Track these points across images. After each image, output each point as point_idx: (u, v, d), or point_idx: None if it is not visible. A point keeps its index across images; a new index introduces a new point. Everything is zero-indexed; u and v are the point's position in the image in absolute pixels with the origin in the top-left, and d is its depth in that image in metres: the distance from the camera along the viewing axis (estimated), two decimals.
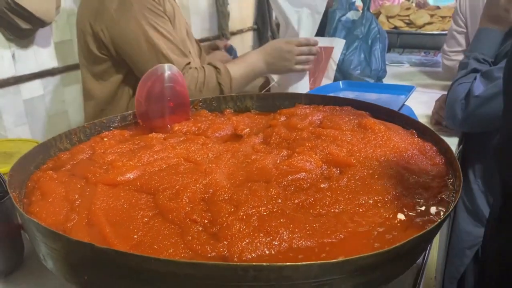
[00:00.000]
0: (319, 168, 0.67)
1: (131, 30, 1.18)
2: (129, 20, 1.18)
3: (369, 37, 1.70)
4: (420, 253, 0.55)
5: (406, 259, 0.50)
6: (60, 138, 0.82)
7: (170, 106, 0.93)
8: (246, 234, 0.51)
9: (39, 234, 0.51)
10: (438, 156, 0.70)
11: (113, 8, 1.17)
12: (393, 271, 0.50)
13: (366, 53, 1.70)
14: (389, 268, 0.48)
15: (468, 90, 1.11)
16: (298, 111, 0.92)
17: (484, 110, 1.08)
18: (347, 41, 1.62)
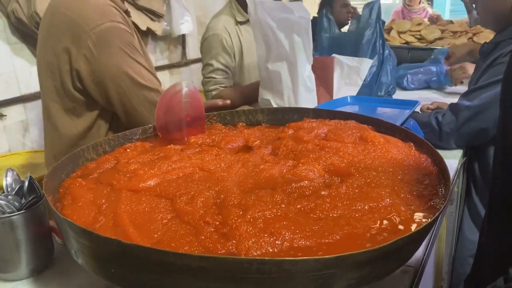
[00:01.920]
0: (322, 177, 0.74)
1: (114, 66, 1.16)
2: (110, 55, 1.16)
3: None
4: (409, 253, 0.61)
5: (394, 258, 0.56)
6: (88, 149, 0.90)
7: (187, 120, 1.00)
8: (252, 234, 0.58)
9: (72, 233, 0.59)
10: (432, 167, 0.76)
11: (91, 43, 1.15)
12: (382, 269, 0.56)
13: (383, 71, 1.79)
14: (378, 265, 0.54)
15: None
16: (306, 125, 0.98)
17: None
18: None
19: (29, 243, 0.79)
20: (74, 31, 1.15)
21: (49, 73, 1.23)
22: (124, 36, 1.18)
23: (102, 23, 1.14)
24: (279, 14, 1.44)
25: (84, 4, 1.17)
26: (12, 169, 0.85)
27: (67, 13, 1.17)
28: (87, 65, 1.16)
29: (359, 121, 0.97)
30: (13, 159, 2.02)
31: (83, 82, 1.19)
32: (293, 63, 1.45)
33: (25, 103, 2.14)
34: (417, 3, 4.06)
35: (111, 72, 1.16)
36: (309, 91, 1.48)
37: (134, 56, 1.20)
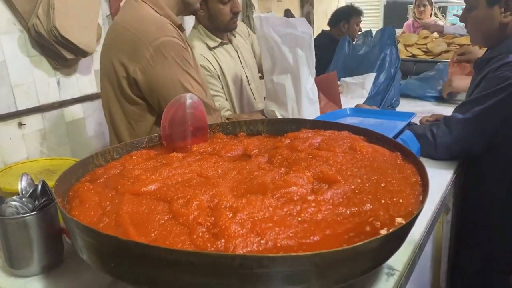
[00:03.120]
0: (310, 183, 0.79)
1: (168, 76, 1.28)
2: (165, 66, 1.28)
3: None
4: (384, 255, 0.66)
5: (367, 258, 0.61)
6: (97, 156, 0.97)
7: (191, 129, 1.07)
8: (240, 235, 0.63)
9: (77, 230, 0.65)
10: (415, 176, 0.80)
11: (149, 55, 1.27)
12: (357, 268, 0.61)
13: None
14: (352, 265, 0.59)
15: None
16: (302, 135, 1.04)
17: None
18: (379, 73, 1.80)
19: (41, 242, 0.85)
20: (134, 44, 1.29)
21: (109, 80, 1.38)
22: (178, 50, 1.31)
23: (159, 37, 1.27)
24: (283, 29, 1.51)
25: (144, 21, 1.32)
26: (27, 173, 0.92)
27: (128, 28, 1.32)
28: (144, 75, 1.30)
29: (352, 132, 1.02)
30: (31, 166, 2.12)
31: (140, 90, 1.33)
32: (296, 75, 1.51)
33: (43, 112, 2.24)
34: (428, 16, 4.10)
35: (165, 81, 1.29)
36: (312, 102, 1.54)
37: (186, 68, 1.32)
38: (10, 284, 0.84)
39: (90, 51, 2.28)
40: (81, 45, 2.18)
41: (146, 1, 1.36)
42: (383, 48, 1.83)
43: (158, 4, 1.37)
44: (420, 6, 4.11)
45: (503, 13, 1.30)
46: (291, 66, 1.49)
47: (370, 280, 0.80)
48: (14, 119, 2.11)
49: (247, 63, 1.98)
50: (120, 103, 1.39)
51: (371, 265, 0.64)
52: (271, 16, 1.52)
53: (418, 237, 0.94)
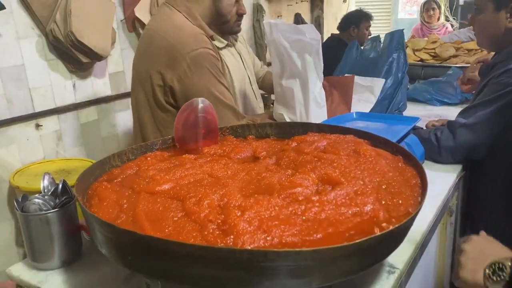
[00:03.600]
0: (315, 185, 0.83)
1: (203, 86, 1.37)
2: (201, 77, 1.36)
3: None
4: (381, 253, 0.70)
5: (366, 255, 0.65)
6: (114, 157, 1.02)
7: (202, 132, 1.12)
8: (247, 231, 0.68)
9: (97, 226, 0.70)
10: (415, 179, 0.84)
11: (186, 65, 1.35)
12: (356, 264, 0.65)
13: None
14: (351, 261, 0.63)
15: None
16: (308, 138, 1.08)
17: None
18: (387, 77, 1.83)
19: (61, 238, 0.91)
20: (172, 53, 1.36)
21: (142, 87, 1.45)
22: (213, 61, 1.39)
23: (196, 49, 1.36)
24: (292, 35, 1.55)
25: (182, 32, 1.40)
26: (49, 173, 0.98)
27: (166, 37, 1.39)
28: (180, 83, 1.37)
29: (357, 136, 1.06)
30: (47, 166, 2.19)
31: (175, 98, 1.40)
32: (304, 80, 1.56)
33: (59, 114, 2.31)
34: (436, 20, 4.10)
35: (200, 90, 1.35)
36: (320, 106, 1.58)
37: (219, 78, 1.41)
38: (32, 277, 0.90)
39: (105, 55, 2.35)
40: (96, 49, 2.24)
41: (181, 11, 1.44)
42: (391, 52, 1.86)
43: (192, 14, 1.45)
44: (429, 10, 4.12)
45: (509, 18, 1.33)
46: (300, 71, 1.53)
47: (371, 277, 0.84)
48: (32, 121, 2.18)
49: (248, 66, 2.05)
50: (152, 110, 1.46)
51: (370, 262, 0.68)
52: (280, 22, 1.57)
53: (420, 237, 0.98)
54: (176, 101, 1.41)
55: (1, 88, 2.03)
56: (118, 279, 0.88)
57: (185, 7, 1.46)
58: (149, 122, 1.48)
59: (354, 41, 2.15)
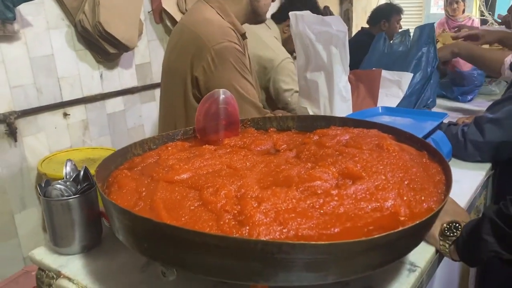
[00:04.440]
0: (335, 178, 0.81)
1: (225, 80, 1.37)
2: (224, 70, 1.36)
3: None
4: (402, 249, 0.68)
5: (385, 251, 0.63)
6: (135, 145, 1.03)
7: (223, 123, 1.11)
8: (263, 223, 0.67)
9: (115, 212, 0.71)
10: (439, 176, 0.81)
11: (210, 57, 1.36)
12: (374, 260, 0.63)
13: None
14: (369, 256, 0.62)
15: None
16: (331, 132, 1.06)
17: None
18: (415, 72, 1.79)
19: (82, 223, 0.92)
20: (198, 45, 1.38)
21: (174, 79, 1.47)
22: (237, 55, 1.39)
23: (221, 42, 1.36)
24: (318, 27, 1.53)
25: (209, 24, 1.41)
26: (71, 159, 0.99)
27: (194, 30, 1.41)
28: (204, 75, 1.38)
29: (381, 130, 1.03)
30: (74, 154, 2.24)
31: (199, 89, 1.40)
32: (330, 73, 1.53)
33: (86, 104, 2.35)
34: (461, 12, 3.97)
35: (222, 84, 1.35)
36: (345, 100, 1.55)
37: (243, 73, 1.41)
38: (53, 261, 0.92)
39: (132, 46, 2.38)
40: (123, 40, 2.27)
41: (214, 7, 1.46)
42: (420, 46, 1.81)
43: (225, 11, 1.46)
44: (453, 4, 3.99)
45: None
46: (325, 64, 1.51)
47: (391, 275, 0.82)
48: (60, 110, 2.23)
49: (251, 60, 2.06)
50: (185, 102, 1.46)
51: (389, 259, 0.66)
52: (306, 14, 1.55)
53: None
54: (200, 92, 1.41)
55: (31, 77, 2.08)
56: (135, 267, 0.89)
57: (218, 3, 1.47)
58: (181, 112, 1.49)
59: (381, 33, 2.10)
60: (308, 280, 0.62)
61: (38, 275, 0.94)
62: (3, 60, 1.97)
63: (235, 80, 1.38)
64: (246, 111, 1.38)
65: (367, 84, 1.72)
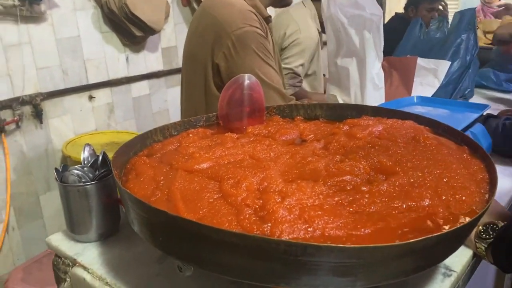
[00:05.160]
0: (366, 173, 0.75)
1: (247, 66, 1.30)
2: (246, 56, 1.30)
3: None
4: (439, 255, 0.61)
5: (421, 257, 0.57)
6: (156, 131, 0.99)
7: (247, 110, 1.06)
8: (287, 220, 0.61)
9: (130, 202, 0.67)
10: (482, 174, 0.74)
11: (231, 43, 1.30)
12: (409, 265, 0.57)
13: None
14: (403, 262, 0.55)
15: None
16: (362, 122, 0.99)
17: None
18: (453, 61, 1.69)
19: (99, 211, 0.89)
20: (217, 31, 1.32)
21: (194, 65, 1.42)
22: (259, 40, 1.33)
23: (242, 27, 1.30)
24: (351, 10, 1.45)
25: (230, 9, 1.34)
26: (89, 144, 0.96)
27: (214, 14, 1.35)
28: (225, 61, 1.33)
29: (417, 121, 0.96)
30: (98, 138, 2.23)
31: (221, 76, 1.35)
32: (362, 59, 1.45)
33: (112, 87, 2.34)
34: (497, 0, 3.76)
35: (244, 71, 1.28)
36: (377, 88, 1.47)
37: (266, 59, 1.34)
38: (70, 248, 0.89)
39: (158, 29, 2.34)
40: (149, 23, 2.23)
41: None
42: (459, 33, 1.70)
43: None
44: None
45: None
46: (357, 49, 1.43)
47: (424, 279, 0.76)
48: (85, 92, 2.23)
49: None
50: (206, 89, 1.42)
51: (425, 265, 0.60)
52: None
53: None
54: (221, 80, 1.36)
55: (57, 59, 2.07)
56: (152, 258, 0.85)
57: None
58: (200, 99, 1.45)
59: (417, 18, 1.99)
60: (334, 285, 0.56)
61: (54, 261, 0.91)
62: (30, 41, 1.96)
63: (258, 66, 1.32)
64: (270, 98, 1.32)
65: (401, 72, 1.63)
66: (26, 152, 2.03)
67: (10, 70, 1.92)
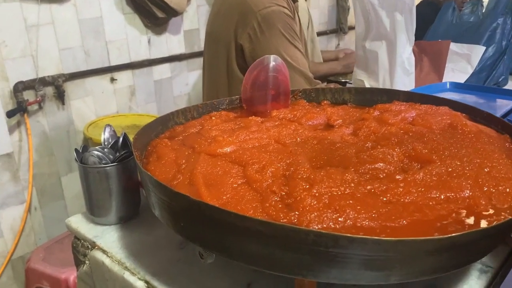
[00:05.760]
0: (400, 161, 0.71)
1: (272, 47, 1.26)
2: (271, 37, 1.26)
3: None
4: (481, 250, 0.57)
5: (462, 252, 0.53)
6: (177, 113, 0.96)
7: (272, 94, 1.02)
8: (315, 208, 0.58)
9: (150, 185, 0.64)
10: None
11: (256, 23, 1.26)
12: (448, 261, 0.53)
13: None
14: (443, 257, 0.51)
15: None
16: (394, 107, 0.94)
17: None
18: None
19: (119, 193, 0.87)
20: (243, 11, 1.29)
21: (216, 47, 1.39)
22: (286, 21, 1.28)
23: (269, 6, 1.26)
24: None
25: None
26: (110, 125, 0.94)
27: None
28: (249, 42, 1.29)
29: (453, 108, 0.90)
30: (120, 120, 2.22)
31: (244, 58, 1.31)
32: (392, 43, 1.39)
33: (133, 69, 2.32)
34: None
35: (269, 52, 1.24)
36: (407, 74, 1.41)
37: (292, 40, 1.30)
38: (89, 231, 0.87)
39: (181, 11, 2.30)
40: (172, 4, 2.20)
41: None
42: (495, 17, 1.61)
43: None
44: None
45: None
46: (387, 32, 1.36)
47: (458, 274, 0.71)
48: (107, 74, 2.21)
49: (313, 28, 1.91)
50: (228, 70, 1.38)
51: (465, 261, 0.55)
52: None
53: None
54: (245, 61, 1.32)
55: (80, 40, 2.06)
56: (173, 243, 0.83)
57: None
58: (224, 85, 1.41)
59: (450, 1, 1.90)
60: (366, 280, 0.52)
61: (74, 243, 0.90)
62: (53, 21, 1.95)
63: (283, 47, 1.27)
64: (295, 82, 1.28)
65: (432, 57, 1.56)
66: (48, 133, 2.03)
67: (33, 51, 1.91)
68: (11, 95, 1.86)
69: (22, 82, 1.87)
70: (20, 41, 1.86)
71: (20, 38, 1.86)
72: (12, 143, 1.91)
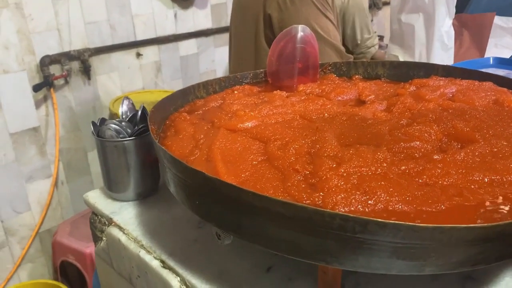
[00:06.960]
0: (438, 140, 0.64)
1: (302, 17, 1.20)
2: (302, 6, 1.20)
3: None
4: None
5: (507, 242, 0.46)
6: (198, 87, 0.91)
7: (299, 67, 0.95)
8: (343, 190, 0.52)
9: (165, 161, 0.60)
10: None
11: None
12: (492, 252, 0.46)
13: None
14: (487, 248, 0.45)
15: None
16: (431, 83, 0.87)
17: None
18: None
19: (137, 168, 0.84)
20: None
21: (244, 17, 1.34)
22: None
23: None
24: None
25: None
26: (128, 98, 0.90)
27: None
28: (278, 12, 1.23)
29: (499, 83, 0.82)
30: (145, 96, 2.20)
31: (272, 28, 1.26)
32: (430, 15, 1.29)
33: (159, 44, 2.28)
34: None
35: (298, 22, 1.17)
36: (446, 49, 1.32)
37: (323, 10, 1.23)
38: (106, 206, 0.85)
39: None
40: None
41: None
42: None
43: None
44: None
45: None
46: (425, 4, 1.27)
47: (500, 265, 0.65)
48: (133, 49, 2.18)
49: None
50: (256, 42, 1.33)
51: (511, 252, 0.49)
52: None
53: None
54: (273, 33, 1.25)
55: (105, 14, 2.03)
56: (192, 222, 0.79)
57: None
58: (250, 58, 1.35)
59: None
60: (398, 269, 0.47)
61: (91, 219, 0.88)
62: None
63: (314, 18, 1.20)
64: (325, 55, 1.21)
65: (474, 32, 1.45)
66: (74, 108, 2.03)
67: (59, 24, 1.89)
68: (37, 69, 1.86)
69: (48, 56, 1.86)
70: (46, 14, 1.84)
71: (46, 11, 1.84)
72: (38, 118, 1.91)
